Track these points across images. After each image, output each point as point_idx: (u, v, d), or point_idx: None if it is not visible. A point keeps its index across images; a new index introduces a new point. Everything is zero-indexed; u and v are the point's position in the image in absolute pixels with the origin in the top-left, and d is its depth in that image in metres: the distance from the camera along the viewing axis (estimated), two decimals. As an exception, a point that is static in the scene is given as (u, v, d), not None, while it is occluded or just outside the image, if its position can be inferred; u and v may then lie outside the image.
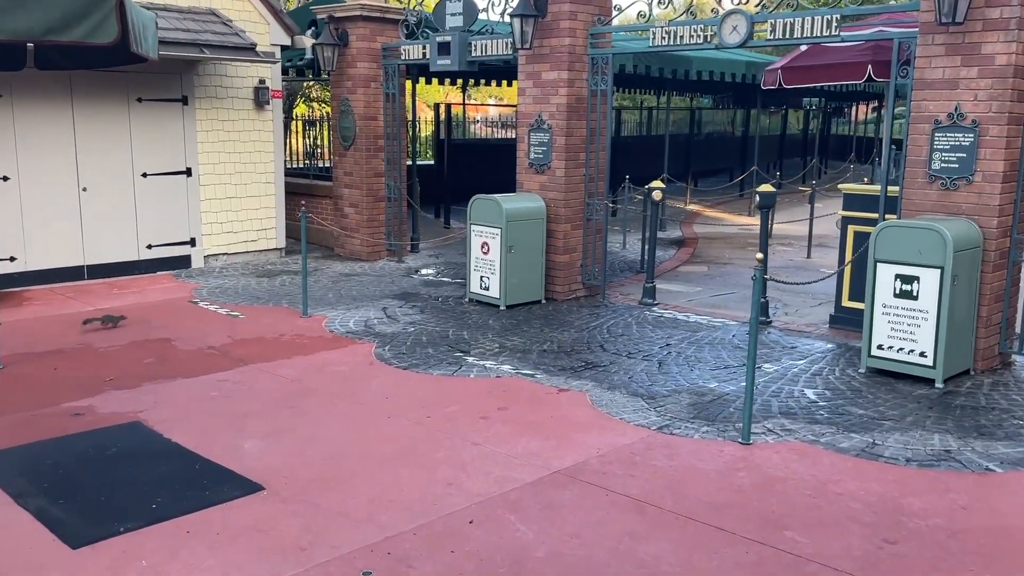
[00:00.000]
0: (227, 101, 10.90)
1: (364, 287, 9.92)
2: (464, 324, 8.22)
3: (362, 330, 7.94)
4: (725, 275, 11.14)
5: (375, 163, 11.55)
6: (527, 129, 9.40)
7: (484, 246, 8.98)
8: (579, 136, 9.20)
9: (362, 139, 11.43)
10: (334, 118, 11.86)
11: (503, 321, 8.36)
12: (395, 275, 10.69)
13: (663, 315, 8.65)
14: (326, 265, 11.28)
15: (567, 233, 9.28)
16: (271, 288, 9.76)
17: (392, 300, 9.25)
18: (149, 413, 5.67)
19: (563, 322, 8.34)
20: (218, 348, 7.28)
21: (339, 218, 11.94)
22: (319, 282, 10.11)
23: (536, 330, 8.02)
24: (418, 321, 8.31)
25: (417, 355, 7.12)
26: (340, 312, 8.63)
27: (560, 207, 9.21)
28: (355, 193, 11.64)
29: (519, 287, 8.98)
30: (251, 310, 8.69)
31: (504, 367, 6.79)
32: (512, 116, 20.89)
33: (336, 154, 11.88)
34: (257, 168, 11.28)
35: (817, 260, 12.36)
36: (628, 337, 7.75)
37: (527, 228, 8.96)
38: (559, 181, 9.18)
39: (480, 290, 9.09)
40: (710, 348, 7.38)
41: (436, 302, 9.19)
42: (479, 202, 9.02)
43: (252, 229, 11.33)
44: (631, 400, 5.99)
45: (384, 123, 11.46)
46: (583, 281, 9.53)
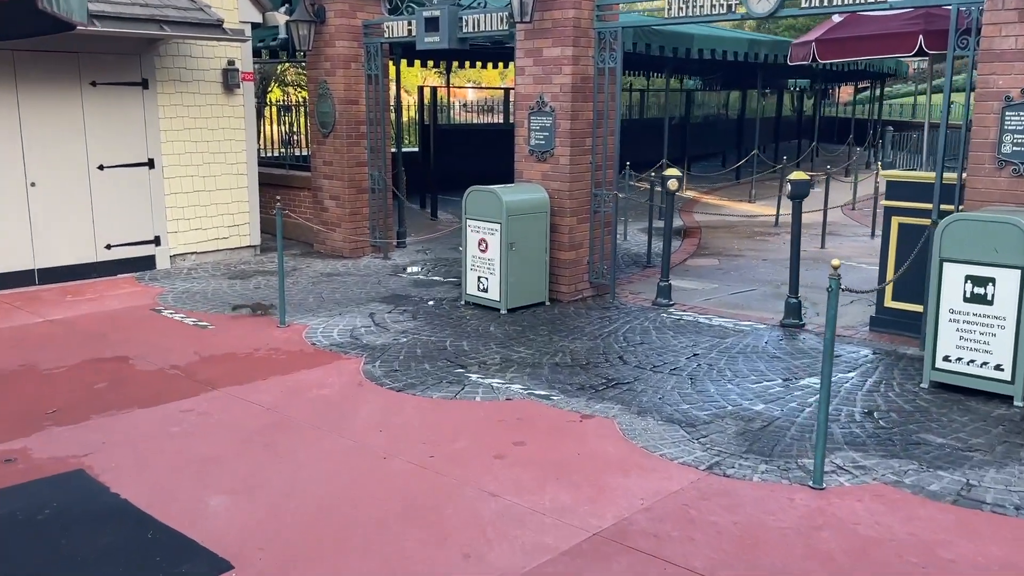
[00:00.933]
0: (193, 85, 9.89)
1: (348, 289, 8.98)
2: (462, 332, 7.32)
3: (348, 342, 7.01)
4: (738, 269, 10.29)
5: (357, 151, 10.59)
6: (527, 112, 8.47)
7: (481, 243, 8.07)
8: (585, 119, 8.29)
9: (342, 125, 10.45)
10: (311, 103, 10.88)
11: (506, 328, 7.46)
12: (381, 274, 9.75)
13: (682, 318, 7.79)
14: (305, 264, 10.32)
15: (573, 227, 8.39)
16: (245, 292, 8.79)
17: (380, 304, 8.32)
18: (96, 457, 4.73)
19: (573, 328, 7.45)
20: (183, 368, 6.33)
21: (319, 212, 10.97)
22: (298, 284, 9.16)
23: (544, 338, 7.13)
24: (410, 329, 7.40)
25: (412, 372, 6.21)
26: (322, 320, 7.70)
27: (565, 198, 8.30)
28: (336, 184, 10.68)
29: (521, 288, 8.08)
30: (222, 319, 7.74)
31: (514, 386, 5.90)
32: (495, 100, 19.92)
33: (314, 142, 10.90)
34: (227, 158, 10.29)
35: (832, 250, 11.55)
36: (649, 345, 6.88)
37: (529, 223, 8.06)
38: (563, 170, 8.27)
39: (478, 292, 8.18)
40: (744, 359, 6.52)
41: (428, 306, 8.27)
42: (475, 194, 8.09)
43: (223, 225, 10.34)
44: (668, 428, 5.11)
45: (366, 107, 10.49)
46: (590, 280, 8.65)
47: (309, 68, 10.80)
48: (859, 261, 10.76)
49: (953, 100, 7.48)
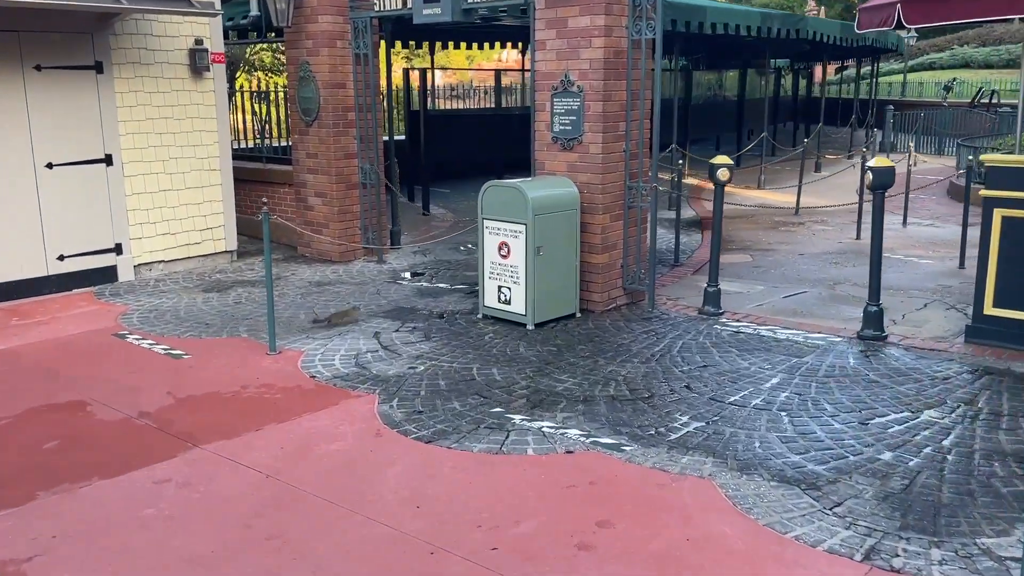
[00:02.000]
0: (155, 68, 8.58)
1: (344, 301, 7.77)
2: (488, 356, 6.16)
3: (354, 372, 5.83)
4: (776, 266, 9.22)
5: (345, 141, 9.35)
6: (549, 94, 7.30)
7: (502, 248, 6.90)
8: (618, 101, 7.13)
9: (328, 112, 9.21)
10: (291, 87, 9.60)
11: (538, 349, 6.32)
12: (379, 281, 8.54)
13: (740, 330, 6.69)
14: (290, 270, 9.08)
15: (605, 226, 7.25)
16: (224, 308, 7.55)
17: (384, 320, 7.13)
18: (40, 566, 3.52)
19: (616, 346, 6.33)
20: (154, 415, 5.11)
21: (302, 211, 9.72)
22: (285, 296, 7.92)
23: (587, 361, 6.00)
24: (426, 354, 6.22)
25: (440, 415, 5.05)
26: (320, 343, 6.49)
27: (596, 193, 7.16)
28: (321, 179, 9.44)
29: (550, 299, 6.94)
30: (199, 345, 6.50)
31: (570, 431, 4.76)
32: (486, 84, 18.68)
33: (296, 132, 9.63)
34: (197, 152, 9.00)
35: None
36: (715, 369, 5.77)
37: (558, 222, 6.91)
38: (594, 160, 7.12)
39: (498, 304, 7.02)
40: (837, 385, 5.43)
41: (440, 321, 7.10)
42: (494, 191, 6.92)
43: (195, 229, 9.06)
44: (787, 493, 4.01)
45: (355, 91, 9.24)
46: (624, 286, 7.52)
47: (288, 48, 9.52)
48: (905, 254, 9.75)
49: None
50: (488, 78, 18.99)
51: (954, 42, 37.26)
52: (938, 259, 9.40)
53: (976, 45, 35.84)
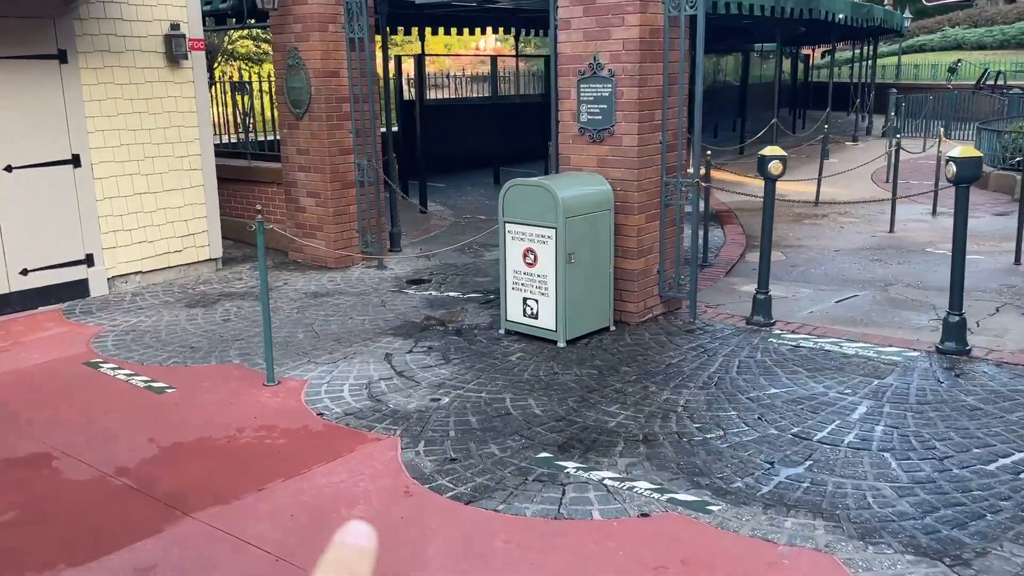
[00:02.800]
0: (126, 56, 7.67)
1: (345, 315, 6.92)
2: (520, 381, 5.35)
3: (368, 406, 5.00)
4: (813, 263, 8.47)
5: (340, 135, 8.48)
6: (574, 79, 6.47)
7: (528, 255, 6.08)
8: (655, 86, 6.32)
9: (320, 103, 8.33)
10: (278, 76, 8.71)
11: (575, 371, 5.51)
12: (382, 290, 7.70)
13: (800, 344, 5.92)
14: (282, 279, 8.21)
15: (641, 228, 6.44)
16: (211, 327, 6.68)
17: (393, 338, 6.30)
18: None
19: (665, 367, 5.53)
20: (134, 471, 4.26)
21: (293, 212, 8.85)
22: (279, 311, 7.06)
23: (635, 387, 5.20)
24: (448, 380, 5.40)
25: (478, 463, 4.23)
26: (324, 369, 5.65)
27: (631, 191, 6.35)
28: (314, 178, 8.56)
29: (582, 311, 6.13)
30: (184, 375, 5.64)
31: (639, 484, 3.96)
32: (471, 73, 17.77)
33: (285, 126, 8.74)
34: (176, 150, 8.10)
35: (904, 234, 9.79)
36: (787, 395, 4.99)
37: (591, 225, 6.09)
38: (628, 153, 6.30)
39: (524, 319, 6.21)
40: (937, 414, 4.66)
41: (458, 339, 6.27)
42: (518, 191, 6.09)
43: (175, 236, 8.16)
44: (930, 571, 3.22)
45: (349, 80, 8.37)
46: (660, 294, 6.73)
47: (275, 33, 8.62)
48: (944, 248, 9.00)
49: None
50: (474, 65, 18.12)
51: (944, 24, 36.72)
52: (988, 254, 8.67)
53: (967, 26, 35.31)
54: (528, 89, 16.83)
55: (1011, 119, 16.09)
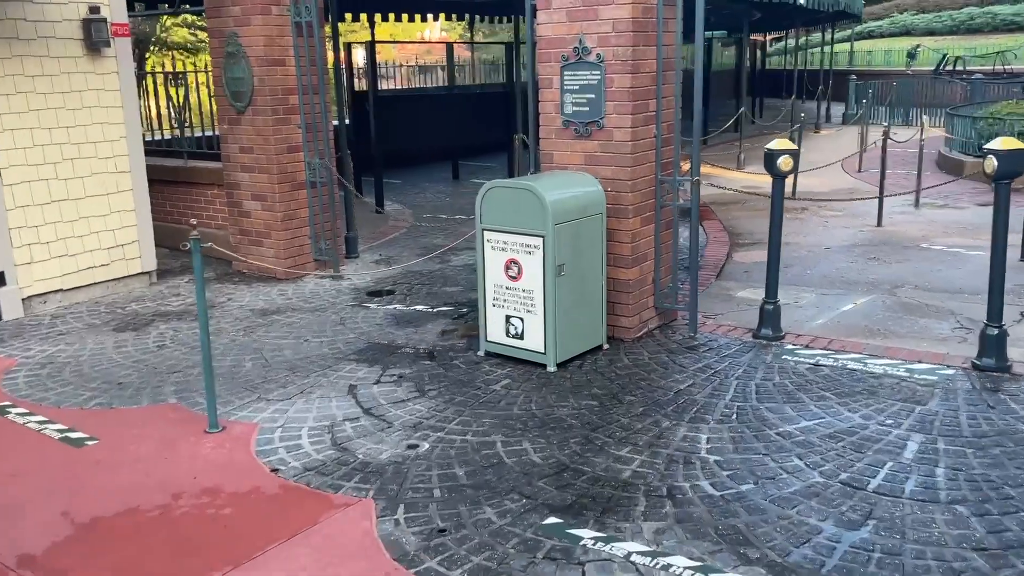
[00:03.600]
0: (37, 44, 6.68)
1: (299, 337, 6.07)
2: (510, 418, 4.58)
3: (332, 458, 4.19)
4: (807, 263, 7.86)
5: (287, 131, 7.59)
6: (557, 65, 5.70)
7: (511, 267, 5.31)
8: (648, 72, 5.59)
9: (264, 96, 7.43)
10: (216, 66, 7.78)
11: (572, 402, 4.77)
12: (340, 305, 6.86)
13: (819, 362, 5.25)
14: (225, 293, 7.31)
15: (636, 232, 5.72)
16: (143, 356, 5.77)
17: (356, 364, 5.48)
18: None
19: (674, 395, 4.82)
20: (41, 561, 3.39)
21: (238, 217, 7.94)
22: (223, 332, 6.19)
23: (645, 422, 4.47)
24: (425, 419, 4.61)
25: (471, 534, 3.46)
26: (277, 408, 4.81)
27: (624, 191, 5.62)
28: (260, 179, 7.66)
29: (574, 329, 5.39)
30: (110, 420, 4.76)
31: (675, 560, 3.23)
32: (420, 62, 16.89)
33: (225, 121, 7.82)
34: (100, 150, 7.14)
35: (893, 228, 9.25)
36: (822, 428, 4.31)
37: (582, 231, 5.35)
38: (620, 148, 5.57)
39: (507, 339, 5.44)
40: (1001, 450, 4.01)
41: (432, 363, 5.48)
42: (499, 194, 5.30)
43: (101, 247, 7.21)
44: None
45: (297, 69, 7.48)
46: (655, 305, 6.02)
47: (210, 17, 7.68)
48: (945, 244, 8.47)
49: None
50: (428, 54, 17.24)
51: (892, 10, 36.77)
52: (988, 249, 8.11)
53: (915, 12, 35.39)
54: (487, 78, 16.02)
55: (979, 104, 15.78)
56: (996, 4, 30.92)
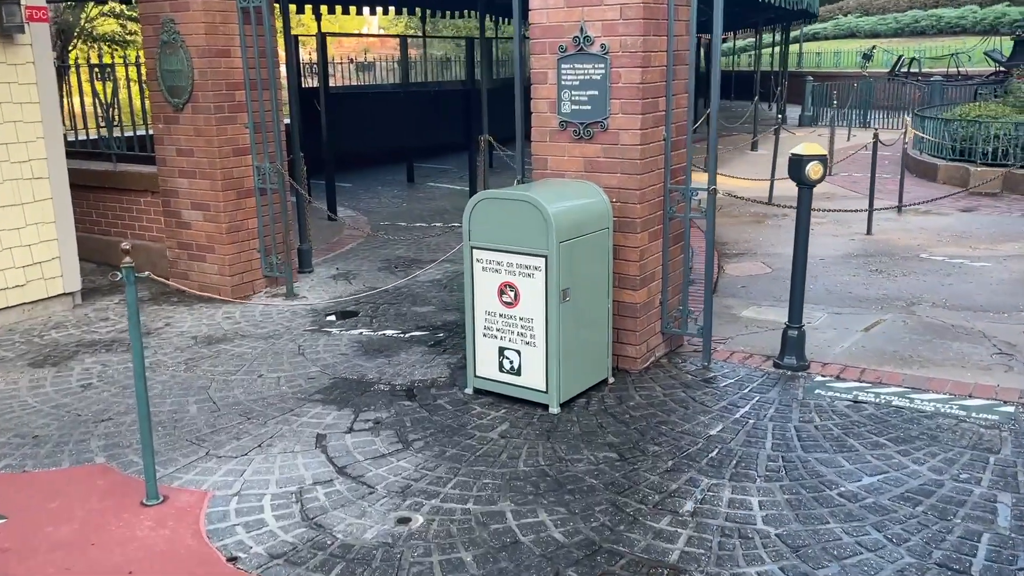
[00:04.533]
0: (-65, 28, 5.68)
1: (252, 371, 5.21)
2: (515, 477, 3.82)
3: (304, 539, 3.37)
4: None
5: (233, 131, 6.69)
6: (554, 58, 4.95)
7: (506, 291, 4.54)
8: (658, 67, 4.88)
9: (206, 91, 6.52)
10: (149, 57, 6.83)
11: (586, 455, 4.02)
12: (297, 330, 6.00)
13: (859, 399, 4.60)
14: (163, 317, 6.38)
15: (644, 249, 5.00)
16: (64, 400, 4.84)
17: (324, 407, 4.65)
18: None
19: (702, 441, 4.12)
20: None
21: (176, 229, 7.00)
22: (160, 367, 5.28)
23: (679, 480, 3.75)
24: (413, 479, 3.82)
25: (498, 653, 2.69)
26: (230, 468, 3.96)
27: (633, 202, 4.90)
28: (201, 185, 6.74)
29: (578, 363, 4.65)
30: (21, 489, 3.85)
31: None
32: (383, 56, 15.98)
33: (160, 119, 6.87)
34: (12, 153, 6.15)
35: (883, 236, 8.73)
36: (891, 487, 3.65)
37: (588, 249, 4.61)
38: (629, 154, 4.84)
39: (501, 375, 4.67)
40: (1110, 515, 3.40)
41: (412, 404, 4.68)
42: (490, 206, 4.53)
43: (15, 266, 6.21)
44: None
45: (244, 62, 6.58)
46: (662, 330, 5.31)
47: (142, 1, 6.72)
48: (945, 254, 7.96)
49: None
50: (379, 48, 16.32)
51: (836, 12, 36.95)
52: (991, 260, 7.65)
53: (859, 14, 35.59)
54: (446, 75, 15.19)
55: (943, 106, 15.54)
56: (940, 7, 31.20)
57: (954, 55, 21.67)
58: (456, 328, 5.96)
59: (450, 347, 5.60)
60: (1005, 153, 11.31)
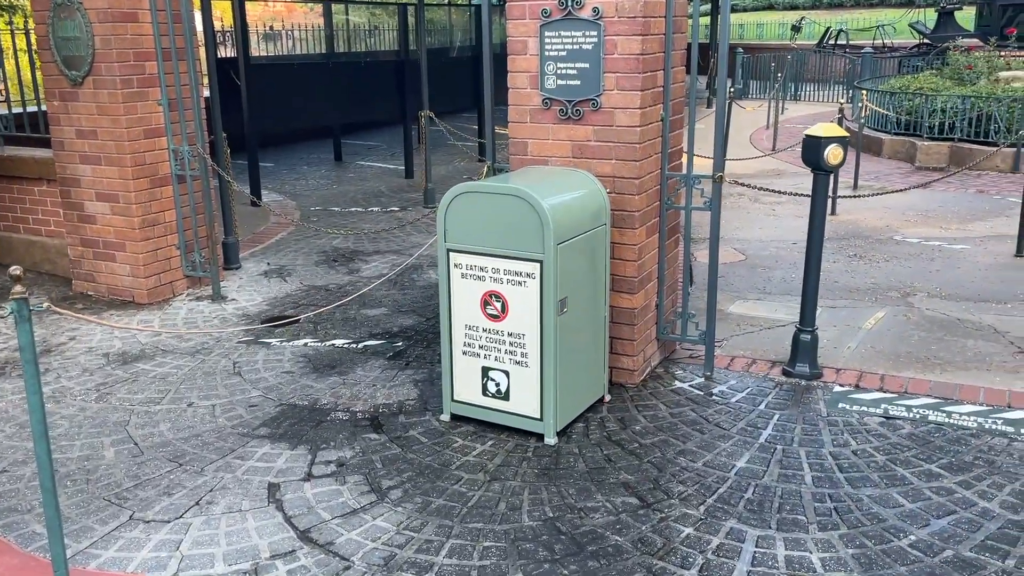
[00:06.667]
0: None
1: (180, 398, 4.36)
2: (520, 535, 3.14)
3: (269, 642, 2.61)
4: (780, 264, 6.77)
5: (144, 109, 5.73)
6: (535, 24, 4.21)
7: (491, 301, 3.83)
8: (657, 35, 4.20)
9: (110, 62, 5.53)
10: (40, 23, 5.79)
11: (600, 500, 3.36)
12: (230, 343, 5.14)
13: (890, 415, 4.07)
14: (66, 330, 5.42)
15: (643, 246, 4.35)
16: (-57, 445, 3.92)
17: (273, 446, 3.86)
18: None
19: (730, 475, 3.51)
20: None
21: (79, 224, 6.01)
22: (66, 397, 4.38)
23: (719, 533, 3.14)
24: (396, 544, 3.09)
25: None
26: (163, 539, 3.16)
27: (631, 192, 4.23)
28: (107, 172, 5.78)
29: (574, 382, 3.98)
30: None
31: None
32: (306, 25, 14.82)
33: (56, 96, 5.84)
34: None
35: (848, 216, 8.32)
36: (964, 532, 3.11)
37: (584, 250, 3.92)
38: (626, 137, 4.16)
39: (484, 399, 3.97)
40: None
41: (378, 436, 3.94)
42: (471, 200, 3.79)
43: None
44: None
45: (155, 27, 5.61)
46: (657, 336, 4.69)
47: (28, -48, 5.67)
48: (919, 236, 7.57)
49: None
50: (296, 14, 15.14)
51: (754, -17, 36.93)
52: (968, 242, 7.29)
53: (776, -15, 35.65)
54: (375, 44, 14.18)
55: (879, 79, 15.37)
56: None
57: (880, 27, 21.69)
58: (416, 336, 5.21)
59: (413, 359, 4.85)
60: (952, 127, 11.08)
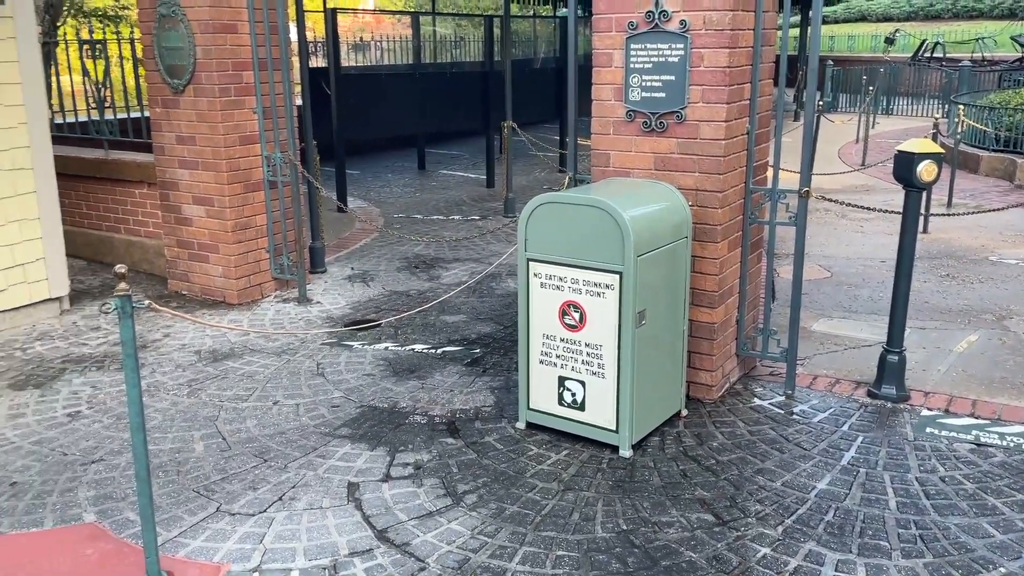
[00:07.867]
0: (-102, -5, 4.93)
1: (265, 396, 4.51)
2: (594, 546, 3.14)
3: (345, 637, 2.69)
4: (868, 283, 6.59)
5: (240, 117, 5.95)
6: (621, 36, 4.23)
7: (569, 311, 3.85)
8: (744, 48, 4.17)
9: (210, 71, 5.77)
10: (146, 33, 6.08)
11: (674, 515, 3.34)
12: (314, 344, 5.29)
13: (985, 443, 3.94)
14: (161, 327, 5.66)
15: (724, 260, 4.31)
16: (48, 434, 4.14)
17: (353, 446, 3.96)
18: None
19: (812, 496, 3.44)
20: None
21: (175, 226, 6.28)
22: (159, 391, 4.58)
23: (793, 551, 3.09)
24: (470, 549, 3.14)
25: None
26: (248, 531, 3.28)
27: (713, 206, 4.20)
28: (204, 177, 6.02)
29: (651, 396, 3.97)
30: (-8, 556, 3.16)
31: None
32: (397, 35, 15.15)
33: (158, 102, 6.13)
34: (-10, 139, 5.42)
35: (942, 235, 8.03)
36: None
37: (665, 263, 3.91)
38: (709, 150, 4.14)
39: (560, 408, 3.99)
40: None
41: (455, 443, 4.00)
42: (551, 211, 3.82)
43: (-8, 268, 5.50)
44: None
45: (252, 38, 5.84)
46: (737, 352, 4.63)
47: (137, -33, 5.97)
48: (1010, 255, 7.27)
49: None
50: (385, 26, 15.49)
51: (846, -6, 36.10)
52: (1076, 265, 6.97)
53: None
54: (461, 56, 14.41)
55: (976, 94, 14.83)
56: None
57: (979, 39, 20.93)
58: (493, 343, 5.27)
59: (490, 367, 4.91)
60: (1056, 144, 10.63)
